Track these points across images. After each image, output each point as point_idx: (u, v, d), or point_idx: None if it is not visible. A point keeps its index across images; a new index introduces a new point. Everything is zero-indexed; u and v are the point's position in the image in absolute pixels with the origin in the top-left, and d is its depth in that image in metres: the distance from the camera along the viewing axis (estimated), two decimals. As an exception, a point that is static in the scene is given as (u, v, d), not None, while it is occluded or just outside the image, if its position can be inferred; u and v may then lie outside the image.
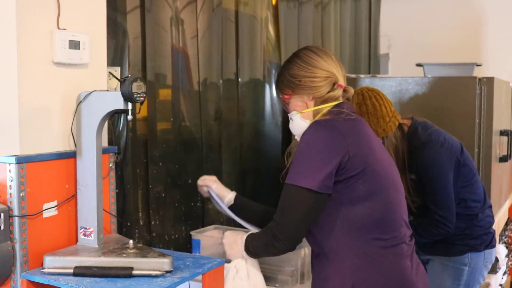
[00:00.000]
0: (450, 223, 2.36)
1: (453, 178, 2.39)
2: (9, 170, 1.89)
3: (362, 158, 1.72)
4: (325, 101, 1.86)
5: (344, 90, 1.87)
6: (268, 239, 1.79)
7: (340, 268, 1.74)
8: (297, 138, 1.93)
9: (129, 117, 1.94)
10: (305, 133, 1.77)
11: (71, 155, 2.07)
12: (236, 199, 2.23)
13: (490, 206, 2.57)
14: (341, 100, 1.87)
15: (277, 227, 1.76)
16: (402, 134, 2.44)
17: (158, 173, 2.71)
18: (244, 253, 1.95)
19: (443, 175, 2.37)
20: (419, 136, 2.42)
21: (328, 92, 1.84)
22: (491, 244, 2.51)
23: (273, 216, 1.80)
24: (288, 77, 1.89)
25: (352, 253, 1.73)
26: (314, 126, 1.76)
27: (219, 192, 2.25)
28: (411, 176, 2.40)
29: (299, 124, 1.90)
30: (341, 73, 1.88)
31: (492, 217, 2.56)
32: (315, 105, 1.86)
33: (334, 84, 1.86)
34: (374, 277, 1.72)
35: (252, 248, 1.93)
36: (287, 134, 3.63)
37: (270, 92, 3.58)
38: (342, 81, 1.86)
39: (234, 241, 1.97)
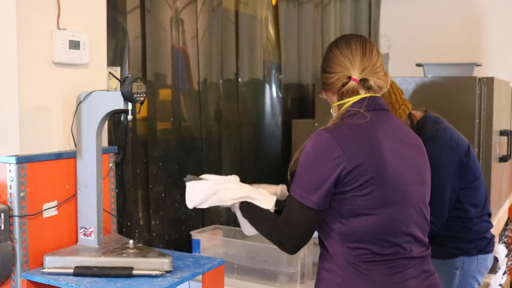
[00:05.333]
0: (437, 222, 2.31)
1: (454, 177, 2.36)
2: (9, 170, 1.89)
3: (365, 170, 1.65)
4: (343, 95, 1.79)
5: (361, 81, 1.78)
6: (274, 241, 1.81)
7: (333, 274, 1.73)
8: None
9: (129, 117, 1.95)
10: (306, 143, 1.73)
11: (71, 155, 2.07)
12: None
13: (489, 214, 2.49)
14: (361, 92, 1.78)
15: (282, 236, 1.77)
16: (412, 124, 2.41)
17: (158, 173, 2.71)
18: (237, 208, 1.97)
19: (442, 173, 2.31)
20: (425, 130, 2.37)
21: (343, 86, 1.78)
22: (485, 250, 2.42)
23: (278, 220, 1.79)
24: (320, 70, 1.89)
25: (345, 262, 1.71)
26: (314, 137, 1.72)
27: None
28: None
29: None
30: (359, 65, 1.77)
31: (489, 223, 2.48)
32: (338, 100, 1.81)
33: (347, 78, 1.78)
34: None
35: (253, 224, 1.92)
36: (287, 134, 3.63)
37: (270, 92, 3.58)
38: (356, 74, 1.76)
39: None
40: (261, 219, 1.89)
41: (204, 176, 2.06)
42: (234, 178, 2.06)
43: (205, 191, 1.97)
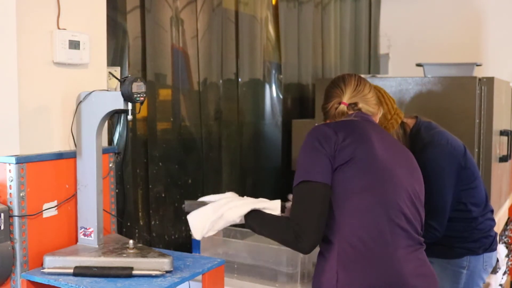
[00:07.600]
0: (440, 227, 2.33)
1: (454, 181, 2.37)
2: (9, 170, 1.89)
3: (356, 150, 1.79)
4: (335, 118, 1.98)
5: (351, 105, 1.97)
6: (288, 239, 1.78)
7: (330, 263, 1.77)
8: None
9: (129, 117, 1.94)
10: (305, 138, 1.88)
11: (71, 155, 2.07)
12: None
13: (492, 211, 2.51)
14: (350, 113, 1.96)
15: (298, 227, 1.75)
16: (404, 132, 2.43)
17: (158, 173, 2.71)
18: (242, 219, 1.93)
19: (442, 178, 2.34)
20: (422, 137, 2.40)
21: (335, 111, 1.98)
22: (490, 248, 2.45)
23: (290, 216, 1.79)
24: None
25: (340, 247, 1.76)
26: (310, 130, 1.88)
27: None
28: None
29: None
30: (350, 92, 1.98)
31: (493, 221, 2.50)
32: None
33: (338, 103, 1.99)
34: (360, 273, 1.74)
35: (260, 231, 1.89)
36: (287, 134, 3.63)
37: (270, 92, 3.58)
38: (346, 99, 1.96)
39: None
40: (271, 221, 1.87)
41: (202, 198, 2.02)
42: (231, 194, 2.02)
43: (209, 218, 1.92)
